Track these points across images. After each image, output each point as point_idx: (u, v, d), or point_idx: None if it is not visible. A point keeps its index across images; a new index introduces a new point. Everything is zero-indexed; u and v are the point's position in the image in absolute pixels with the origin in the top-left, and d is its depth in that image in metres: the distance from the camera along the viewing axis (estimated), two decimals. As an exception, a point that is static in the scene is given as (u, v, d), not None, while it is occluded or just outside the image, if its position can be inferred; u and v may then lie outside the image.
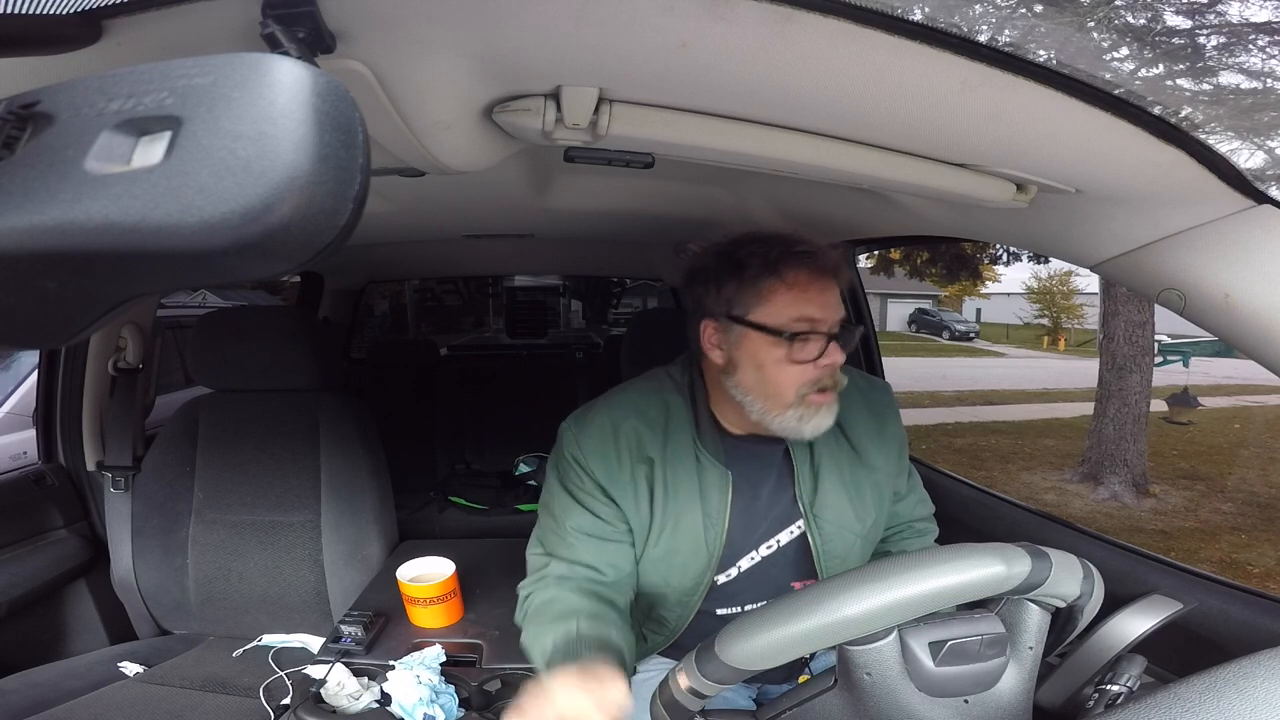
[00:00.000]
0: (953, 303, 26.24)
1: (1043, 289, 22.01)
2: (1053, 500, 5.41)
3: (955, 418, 8.45)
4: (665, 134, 0.63)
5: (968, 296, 25.01)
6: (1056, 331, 21.62)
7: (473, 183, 1.04)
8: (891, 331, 24.86)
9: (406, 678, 0.83)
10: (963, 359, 16.69)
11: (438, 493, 2.30)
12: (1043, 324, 22.54)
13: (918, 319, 25.05)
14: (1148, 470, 5.43)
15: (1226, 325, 0.66)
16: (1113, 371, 5.33)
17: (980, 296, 24.66)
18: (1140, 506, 5.18)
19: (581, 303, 5.84)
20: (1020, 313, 23.59)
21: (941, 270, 10.60)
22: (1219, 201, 0.61)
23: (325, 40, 0.42)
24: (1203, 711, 0.41)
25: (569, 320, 5.96)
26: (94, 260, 0.23)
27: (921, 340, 22.45)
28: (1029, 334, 22.55)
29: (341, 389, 1.41)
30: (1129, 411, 5.26)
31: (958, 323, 23.72)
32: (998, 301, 25.54)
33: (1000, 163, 0.68)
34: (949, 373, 12.73)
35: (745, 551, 0.92)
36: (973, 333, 23.12)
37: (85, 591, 1.41)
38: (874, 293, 24.54)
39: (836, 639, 0.56)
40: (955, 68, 0.47)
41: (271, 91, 0.23)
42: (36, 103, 0.25)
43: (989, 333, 24.14)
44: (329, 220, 0.24)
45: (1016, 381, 11.95)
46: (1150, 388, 5.36)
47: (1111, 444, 5.33)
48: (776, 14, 0.42)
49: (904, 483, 1.03)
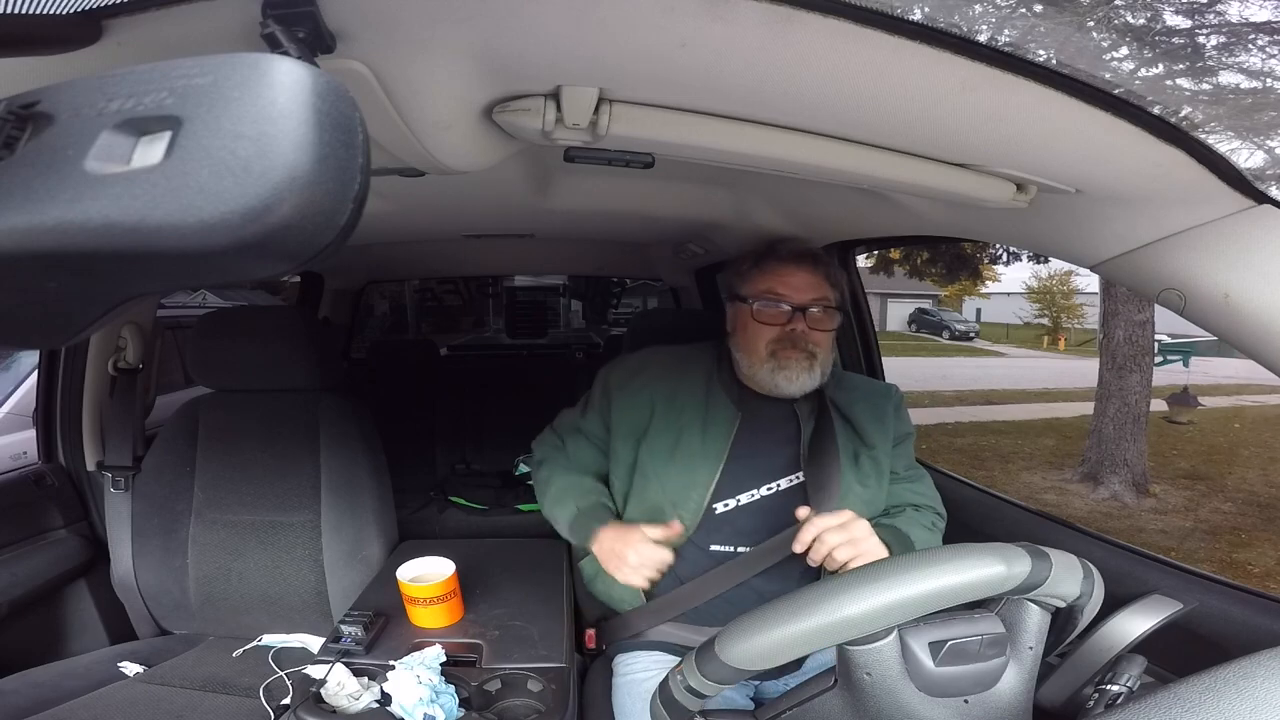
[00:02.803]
0: (953, 302, 26.13)
1: (1043, 288, 21.97)
2: (1053, 500, 5.39)
3: (955, 417, 8.43)
4: (665, 134, 0.63)
5: (968, 296, 24.92)
6: (1056, 331, 21.57)
7: (473, 183, 1.04)
8: (892, 331, 24.76)
9: (406, 678, 0.83)
10: (963, 359, 16.63)
11: (438, 493, 2.29)
12: (1043, 324, 22.48)
13: (918, 319, 24.99)
14: (1148, 470, 5.42)
15: (1226, 325, 0.66)
16: (1113, 371, 5.32)
17: (980, 296, 24.57)
18: (1141, 506, 5.16)
19: (582, 302, 5.83)
20: (1020, 312, 23.52)
21: (942, 270, 10.55)
22: (1219, 201, 0.61)
23: (325, 40, 0.42)
24: (1203, 711, 0.41)
25: (569, 320, 5.95)
26: (94, 260, 0.23)
27: (922, 340, 22.36)
28: (1029, 334, 22.50)
29: (341, 389, 1.41)
30: (1129, 411, 5.25)
31: (958, 322, 23.64)
32: (998, 301, 25.47)
33: (1000, 163, 0.68)
34: (949, 372, 12.69)
35: (746, 488, 1.05)
36: (973, 332, 23.04)
37: (85, 591, 1.40)
38: (874, 292, 24.34)
39: (837, 639, 0.56)
40: (955, 68, 0.47)
41: (271, 91, 0.23)
42: (36, 103, 0.25)
43: (989, 332, 24.05)
44: (329, 220, 0.24)
45: (1016, 381, 11.91)
46: (1150, 387, 5.35)
47: (1111, 444, 5.32)
48: (776, 14, 0.42)
49: (901, 466, 1.13)
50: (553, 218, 1.40)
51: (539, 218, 1.43)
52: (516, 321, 3.44)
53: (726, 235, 1.51)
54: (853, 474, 1.05)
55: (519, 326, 3.38)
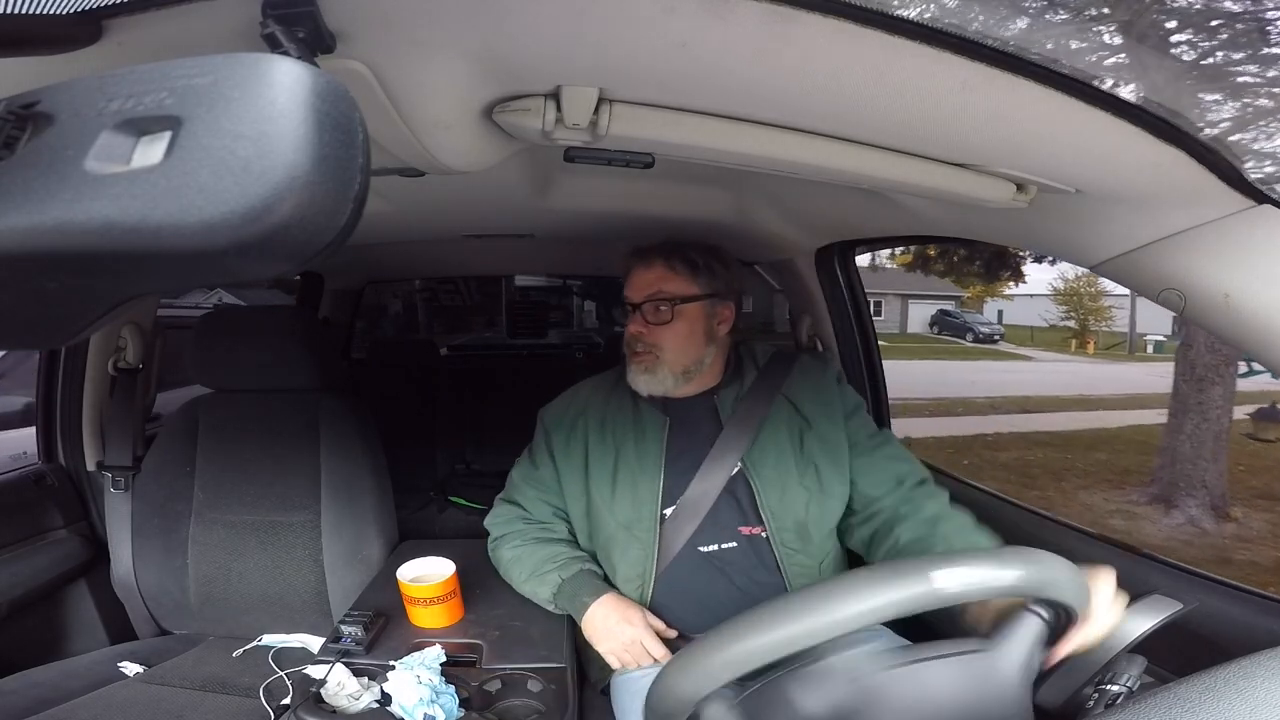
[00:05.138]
0: (973, 304, 25.07)
1: (1070, 290, 21.14)
2: (1120, 526, 4.83)
3: (994, 427, 7.76)
4: (665, 134, 0.63)
5: (990, 297, 23.88)
6: (1083, 334, 20.90)
7: (473, 183, 1.04)
8: (913, 334, 23.72)
9: (406, 678, 0.83)
10: (989, 362, 15.95)
11: (438, 493, 2.29)
12: (1068, 326, 21.73)
13: (940, 321, 23.73)
14: (1226, 492, 4.83)
15: (1226, 325, 0.66)
16: (1191, 383, 4.74)
17: (1004, 298, 23.59)
18: (1222, 532, 4.61)
19: (588, 301, 5.84)
20: (1045, 315, 22.56)
21: (980, 268, 10.19)
22: (1219, 201, 0.61)
23: (325, 40, 0.42)
24: (1203, 711, 0.41)
25: (581, 320, 5.95)
26: (94, 260, 0.23)
27: (945, 343, 21.41)
28: (1054, 336, 21.65)
29: (341, 389, 1.41)
30: (1209, 427, 4.68)
31: (982, 325, 22.46)
32: (1020, 303, 24.49)
33: (1000, 163, 0.68)
34: (976, 378, 12.07)
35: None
36: (997, 335, 21.88)
37: (85, 591, 1.40)
38: (895, 293, 23.39)
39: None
40: (955, 68, 0.47)
41: (271, 91, 0.23)
42: (36, 103, 0.25)
43: (1012, 335, 22.87)
44: (329, 220, 0.24)
45: (1049, 387, 11.23)
46: (1233, 401, 4.78)
47: (1188, 463, 4.76)
48: (776, 14, 0.42)
49: (864, 435, 1.09)
50: (553, 218, 1.40)
51: (539, 218, 1.43)
52: (517, 321, 3.43)
53: (726, 235, 1.51)
54: (794, 466, 1.04)
55: (519, 326, 3.38)
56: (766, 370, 1.12)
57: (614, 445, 1.08)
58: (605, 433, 1.10)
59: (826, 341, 1.60)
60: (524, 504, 1.14)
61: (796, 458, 1.04)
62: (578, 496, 1.10)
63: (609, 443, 1.08)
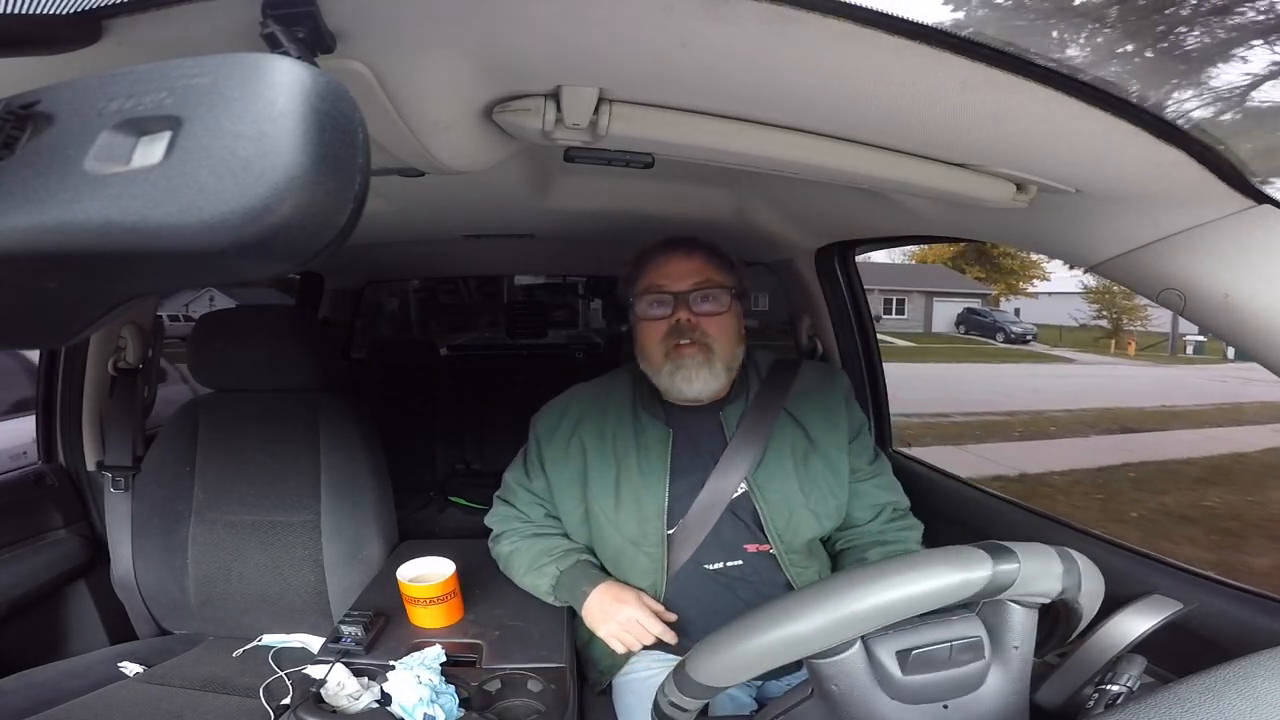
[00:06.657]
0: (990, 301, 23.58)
1: (1102, 288, 20.00)
2: None
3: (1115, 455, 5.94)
4: (665, 134, 0.63)
5: (1011, 295, 22.91)
6: (1117, 334, 20.05)
7: (473, 183, 1.04)
8: (939, 334, 22.13)
9: (406, 678, 0.83)
10: (1030, 365, 14.19)
11: (438, 493, 2.29)
12: (1099, 325, 20.81)
13: (966, 319, 22.16)
14: None
15: (1226, 325, 0.66)
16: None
17: (1028, 296, 22.70)
18: None
19: (590, 301, 5.85)
20: (1075, 313, 21.32)
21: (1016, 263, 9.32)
22: (1219, 201, 0.61)
23: (325, 40, 0.42)
24: (1203, 711, 0.41)
25: (573, 320, 5.95)
26: (94, 260, 0.23)
27: (976, 344, 19.94)
28: (1085, 336, 20.64)
29: (341, 389, 1.41)
30: None
31: (1013, 324, 20.88)
32: (1044, 301, 23.33)
33: (1000, 163, 0.68)
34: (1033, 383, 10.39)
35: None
36: (1030, 335, 20.51)
37: (85, 591, 1.40)
38: (919, 290, 22.36)
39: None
40: (955, 68, 0.47)
41: (271, 91, 0.23)
42: (36, 103, 0.25)
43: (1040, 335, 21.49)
44: (329, 220, 0.24)
45: (1117, 395, 9.50)
46: None
47: None
48: (776, 14, 0.42)
49: (864, 462, 1.09)
50: (553, 218, 1.40)
51: (539, 218, 1.43)
52: (517, 321, 3.43)
53: (726, 235, 1.51)
54: (798, 486, 1.01)
55: (519, 326, 3.38)
56: (769, 381, 1.09)
57: (615, 458, 1.04)
58: (605, 444, 1.05)
59: (826, 341, 1.60)
60: (519, 506, 1.14)
61: (801, 480, 1.02)
62: (573, 507, 1.07)
63: (610, 455, 1.04)
